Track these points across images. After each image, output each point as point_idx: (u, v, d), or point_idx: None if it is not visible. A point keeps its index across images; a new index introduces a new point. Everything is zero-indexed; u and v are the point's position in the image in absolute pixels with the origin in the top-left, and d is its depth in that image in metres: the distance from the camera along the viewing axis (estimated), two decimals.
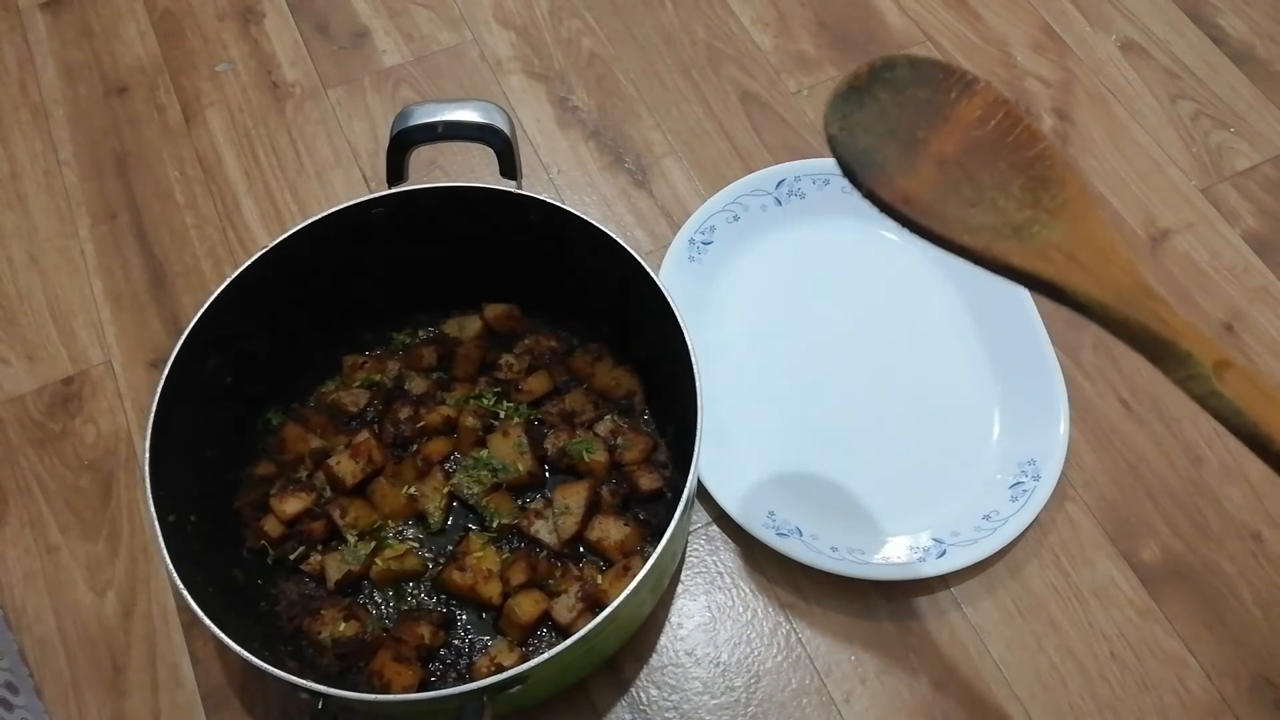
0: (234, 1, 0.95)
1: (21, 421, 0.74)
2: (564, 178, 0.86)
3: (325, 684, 0.50)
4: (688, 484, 0.55)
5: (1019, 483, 0.70)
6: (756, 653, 0.67)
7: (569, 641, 0.51)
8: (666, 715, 0.65)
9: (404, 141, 0.62)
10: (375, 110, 0.89)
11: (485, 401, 0.70)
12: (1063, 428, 0.71)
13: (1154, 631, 0.68)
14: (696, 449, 0.56)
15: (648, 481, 0.67)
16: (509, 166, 0.63)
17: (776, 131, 0.89)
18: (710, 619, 0.68)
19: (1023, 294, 0.77)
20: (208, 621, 0.51)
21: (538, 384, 0.71)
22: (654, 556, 0.53)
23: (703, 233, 0.80)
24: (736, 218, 0.81)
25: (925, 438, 0.74)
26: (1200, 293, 0.81)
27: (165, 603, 0.68)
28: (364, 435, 0.68)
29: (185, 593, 0.52)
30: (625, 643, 0.66)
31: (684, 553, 0.70)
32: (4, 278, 0.80)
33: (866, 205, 0.44)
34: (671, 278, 0.77)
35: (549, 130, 0.89)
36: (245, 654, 0.51)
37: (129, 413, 0.75)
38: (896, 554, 0.68)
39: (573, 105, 0.90)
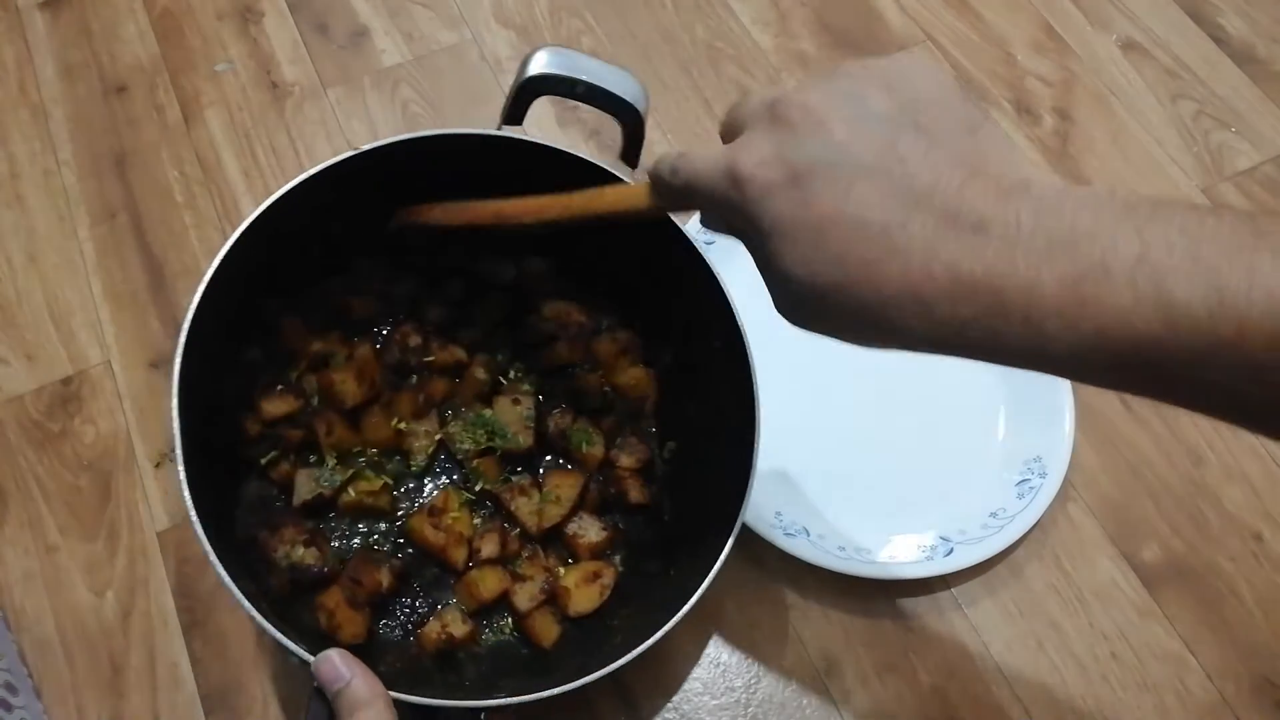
0: (233, 1, 0.95)
1: (20, 422, 0.74)
2: None
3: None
4: (733, 531, 0.55)
5: (1025, 480, 0.70)
6: (757, 653, 0.67)
7: (598, 674, 0.51)
8: (666, 716, 0.65)
9: (535, 87, 0.58)
10: (374, 110, 0.89)
11: (499, 356, 0.68)
12: (1068, 424, 0.71)
13: (1155, 632, 0.67)
14: (751, 481, 0.56)
15: (637, 494, 0.65)
16: (633, 151, 0.60)
17: None
18: (710, 619, 0.68)
19: None
20: (199, 528, 0.50)
21: (556, 355, 0.68)
22: (691, 601, 0.53)
23: (704, 232, 0.80)
24: None
25: (931, 436, 0.74)
26: None
27: (164, 603, 0.68)
28: (365, 350, 0.65)
29: (186, 493, 0.50)
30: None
31: None
32: (3, 278, 0.80)
33: None
34: None
35: (549, 129, 0.88)
36: (220, 566, 0.49)
37: (128, 413, 0.74)
38: (904, 553, 0.68)
39: (573, 104, 0.90)
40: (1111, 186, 0.34)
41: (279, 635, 0.49)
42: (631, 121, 0.59)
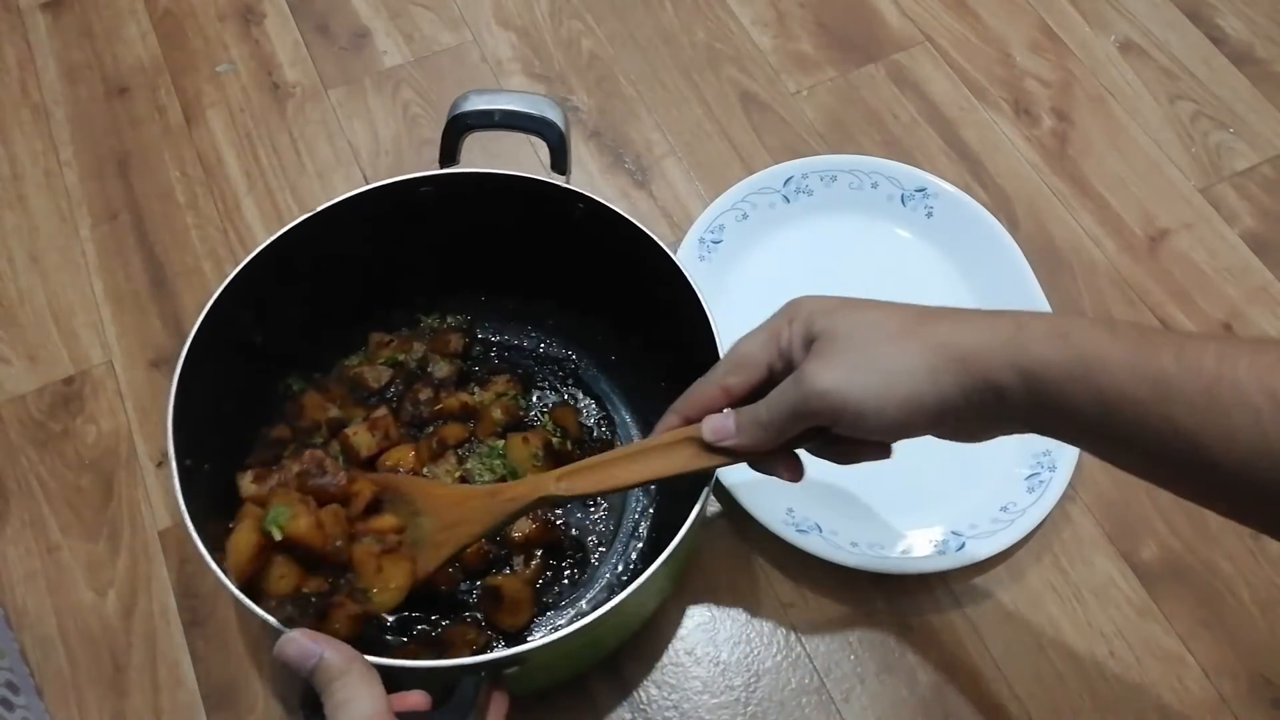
0: (235, 2, 0.95)
1: (22, 421, 0.74)
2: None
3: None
4: (706, 489, 0.55)
5: (1035, 474, 0.71)
6: (756, 652, 0.67)
7: (571, 628, 0.51)
8: (666, 714, 0.65)
9: (460, 125, 0.63)
10: (376, 111, 0.89)
11: (519, 400, 0.71)
12: None
13: (1153, 631, 0.68)
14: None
15: None
16: (560, 161, 0.64)
17: (776, 132, 0.89)
18: (710, 618, 0.68)
19: (1033, 287, 0.77)
20: (212, 563, 0.51)
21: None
22: (666, 554, 0.53)
23: (712, 231, 0.80)
24: (745, 216, 0.81)
25: None
26: (1199, 293, 0.81)
27: (166, 602, 0.68)
28: (382, 411, 0.68)
29: (195, 536, 0.52)
30: (625, 642, 0.66)
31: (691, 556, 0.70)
32: (5, 278, 0.80)
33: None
34: None
35: None
36: (250, 602, 0.50)
37: (130, 413, 0.75)
38: (916, 548, 0.69)
39: (573, 106, 0.90)
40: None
41: (267, 616, 0.50)
42: (553, 136, 0.63)
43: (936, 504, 0.71)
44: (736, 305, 0.79)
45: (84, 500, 0.71)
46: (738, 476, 0.69)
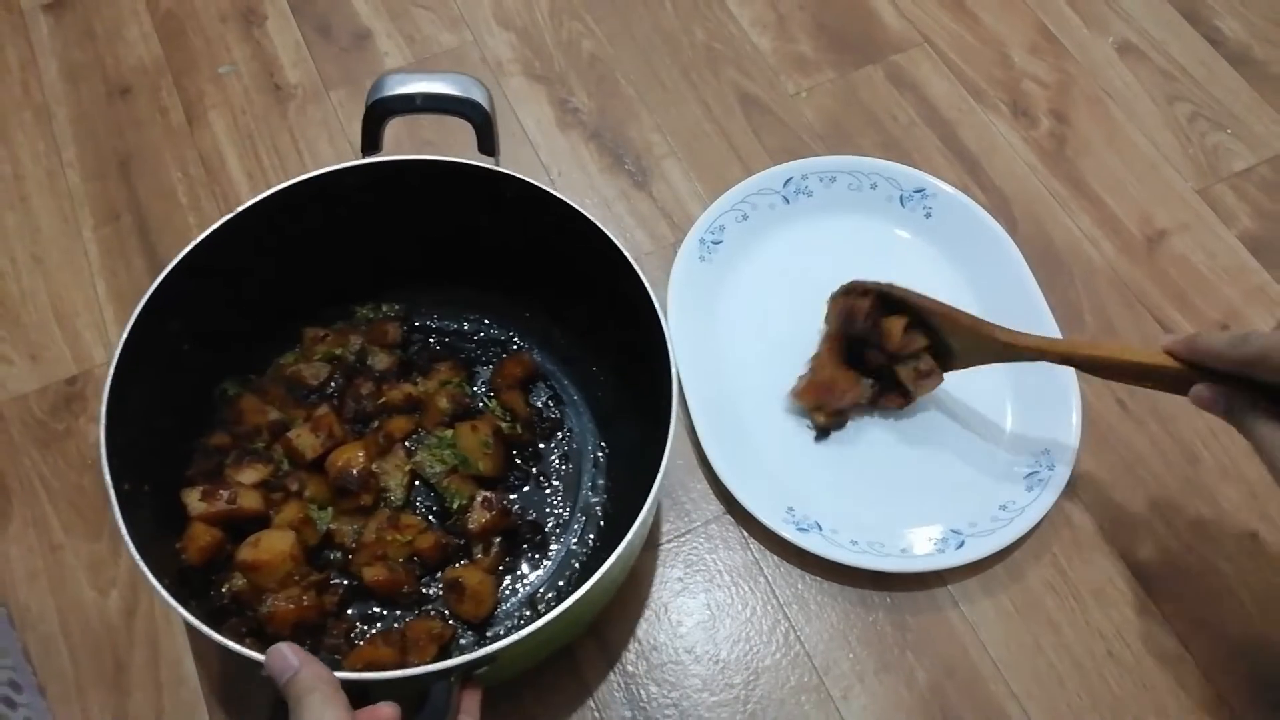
0: (236, 3, 0.96)
1: (25, 421, 0.75)
2: (564, 179, 0.87)
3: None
4: (656, 482, 0.55)
5: (1034, 472, 0.71)
6: (755, 650, 0.67)
7: (538, 624, 0.50)
8: (666, 713, 0.65)
9: (380, 111, 0.61)
10: None
11: (463, 387, 0.70)
12: (1075, 417, 0.72)
13: (1151, 631, 0.68)
14: (666, 453, 0.55)
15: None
16: (487, 142, 0.62)
17: (775, 133, 0.89)
18: (709, 616, 0.68)
19: (1032, 288, 0.78)
20: (163, 593, 0.51)
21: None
22: (631, 534, 0.53)
23: (712, 232, 0.80)
24: (745, 216, 0.81)
25: (939, 430, 0.74)
26: (1197, 293, 0.81)
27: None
28: (324, 409, 0.66)
29: (141, 564, 0.51)
30: (625, 642, 0.66)
31: (657, 519, 0.70)
32: (7, 278, 0.81)
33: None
34: (683, 277, 0.78)
35: (549, 132, 0.89)
36: (206, 628, 0.50)
37: None
38: (916, 546, 0.69)
39: (573, 107, 0.90)
40: None
41: (228, 643, 0.50)
42: (478, 117, 0.61)
43: (936, 502, 0.71)
44: (738, 305, 0.79)
45: (86, 500, 0.72)
46: (739, 476, 0.70)
